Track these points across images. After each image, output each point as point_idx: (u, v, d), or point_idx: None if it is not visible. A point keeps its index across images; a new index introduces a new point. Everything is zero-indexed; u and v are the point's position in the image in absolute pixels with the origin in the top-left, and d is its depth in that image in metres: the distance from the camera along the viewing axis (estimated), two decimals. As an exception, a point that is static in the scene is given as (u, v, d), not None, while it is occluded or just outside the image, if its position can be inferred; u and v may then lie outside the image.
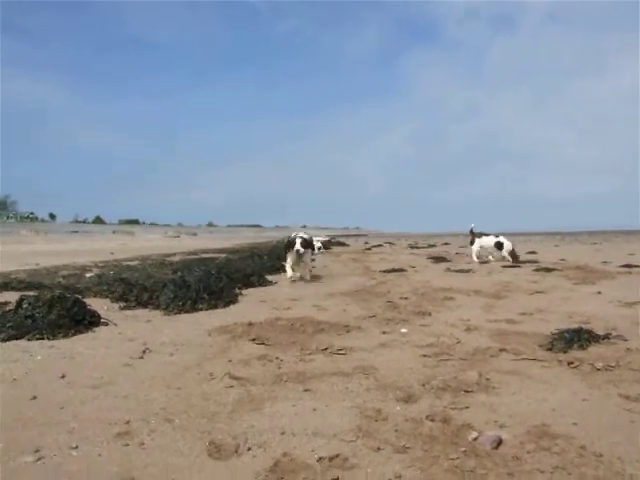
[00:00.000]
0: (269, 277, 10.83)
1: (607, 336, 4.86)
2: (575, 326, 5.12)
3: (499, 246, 15.91)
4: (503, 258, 15.79)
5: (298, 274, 10.87)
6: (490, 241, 16.11)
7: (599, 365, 3.97)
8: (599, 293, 8.34)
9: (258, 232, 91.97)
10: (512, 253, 15.72)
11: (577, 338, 4.70)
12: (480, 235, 16.40)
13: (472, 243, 16.48)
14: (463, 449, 2.58)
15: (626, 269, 12.31)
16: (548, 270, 12.19)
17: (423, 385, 3.58)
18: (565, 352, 4.43)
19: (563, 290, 8.87)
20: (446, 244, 36.35)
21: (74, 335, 5.16)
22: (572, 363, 4.08)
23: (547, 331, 5.11)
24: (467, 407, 3.17)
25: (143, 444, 2.68)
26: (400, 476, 2.32)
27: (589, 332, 4.87)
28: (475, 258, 16.20)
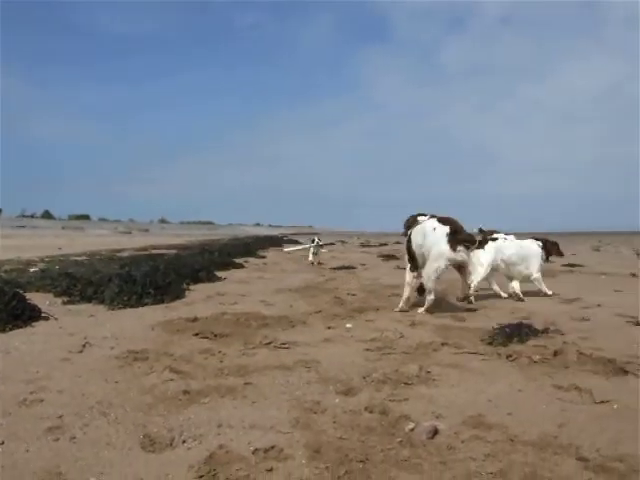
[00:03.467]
0: (219, 273, 10.73)
1: (546, 330, 4.99)
2: (516, 321, 5.24)
3: None
4: None
5: None
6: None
7: (536, 358, 4.06)
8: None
9: (211, 229, 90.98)
10: None
11: (517, 333, 4.80)
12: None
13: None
14: (399, 439, 2.61)
15: (568, 268, 12.67)
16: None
17: (364, 378, 3.60)
18: (505, 346, 4.52)
19: (507, 288, 9.06)
20: (398, 243, 36.65)
21: (12, 330, 5.01)
22: (511, 356, 4.16)
23: (489, 326, 5.19)
24: (406, 399, 3.21)
25: (74, 438, 2.61)
26: (334, 466, 2.32)
27: (529, 327, 4.98)
28: None
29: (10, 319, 5.19)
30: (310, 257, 15.79)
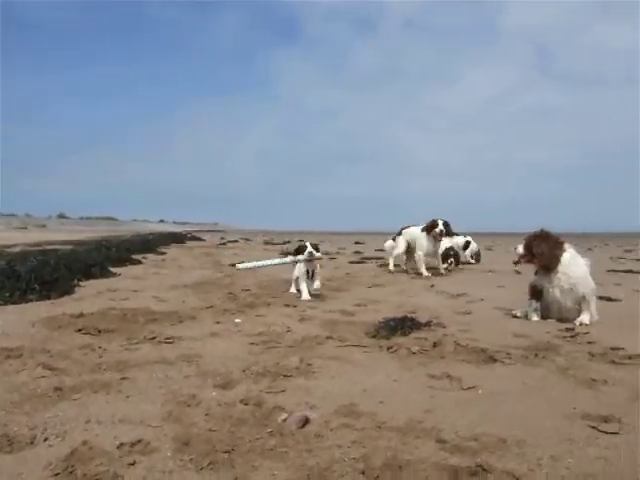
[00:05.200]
0: (115, 269, 10.42)
1: (428, 323, 5.19)
2: (401, 315, 5.41)
3: (466, 245, 14.63)
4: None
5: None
6: (460, 240, 14.54)
7: (415, 349, 4.22)
8: (432, 286, 8.93)
9: (113, 225, 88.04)
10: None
11: (401, 326, 4.97)
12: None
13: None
14: (270, 430, 2.63)
15: (460, 266, 13.19)
16: (391, 266, 12.77)
17: (243, 371, 3.61)
18: (388, 339, 4.66)
19: (400, 284, 9.38)
20: (301, 241, 36.88)
21: None
22: (391, 348, 4.30)
23: (376, 320, 5.33)
24: (283, 391, 3.24)
25: None
26: (199, 457, 2.32)
27: (412, 320, 5.18)
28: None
29: None
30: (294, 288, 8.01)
